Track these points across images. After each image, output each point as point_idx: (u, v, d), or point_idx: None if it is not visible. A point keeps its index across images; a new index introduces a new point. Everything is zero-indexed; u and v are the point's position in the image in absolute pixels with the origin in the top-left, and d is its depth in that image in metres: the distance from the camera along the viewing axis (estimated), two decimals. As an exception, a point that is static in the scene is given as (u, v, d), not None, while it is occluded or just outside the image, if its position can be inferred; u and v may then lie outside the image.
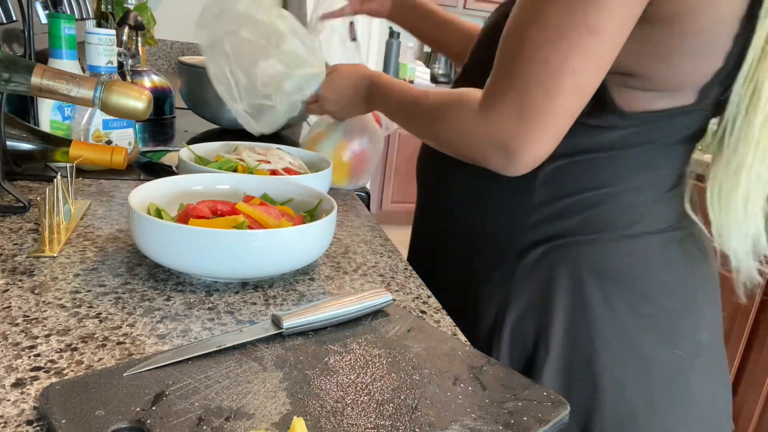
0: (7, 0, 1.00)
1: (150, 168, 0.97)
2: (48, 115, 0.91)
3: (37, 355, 0.43)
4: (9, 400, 0.38)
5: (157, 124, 1.37)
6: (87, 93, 0.66)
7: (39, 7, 1.15)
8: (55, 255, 0.60)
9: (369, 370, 0.45)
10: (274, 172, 0.80)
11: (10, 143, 0.76)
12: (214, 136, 1.30)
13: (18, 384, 0.40)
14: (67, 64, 0.88)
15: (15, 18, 1.02)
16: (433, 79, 3.98)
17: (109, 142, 0.89)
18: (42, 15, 1.15)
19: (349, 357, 0.46)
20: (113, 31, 0.87)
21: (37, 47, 0.95)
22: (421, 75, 3.82)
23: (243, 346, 0.46)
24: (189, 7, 2.41)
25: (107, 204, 0.78)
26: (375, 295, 0.54)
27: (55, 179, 0.63)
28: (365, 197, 0.99)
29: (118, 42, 1.33)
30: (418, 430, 0.38)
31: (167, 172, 0.95)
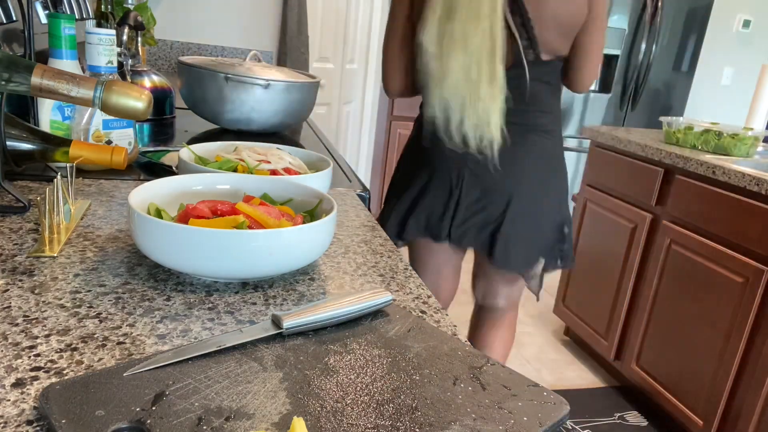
0: (7, 0, 1.00)
1: (150, 168, 0.97)
2: (48, 115, 0.91)
3: (37, 355, 0.44)
4: (9, 400, 0.38)
5: (157, 124, 1.37)
6: (87, 93, 0.66)
7: (39, 7, 1.15)
8: (55, 255, 0.61)
9: (369, 370, 0.45)
10: (274, 172, 0.80)
11: (10, 143, 0.76)
12: (214, 136, 1.30)
13: (18, 384, 0.40)
14: (67, 64, 0.88)
15: (15, 18, 1.02)
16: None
17: (109, 142, 0.90)
18: (42, 15, 1.15)
19: (349, 357, 0.46)
20: (113, 31, 0.87)
21: (37, 47, 0.95)
22: (421, 75, 3.81)
23: (243, 346, 0.46)
24: (189, 7, 2.42)
25: (107, 204, 0.78)
26: (375, 295, 0.54)
27: (55, 179, 0.63)
28: (365, 197, 0.99)
29: (118, 42, 1.33)
30: (418, 430, 0.38)
31: (167, 172, 0.95)
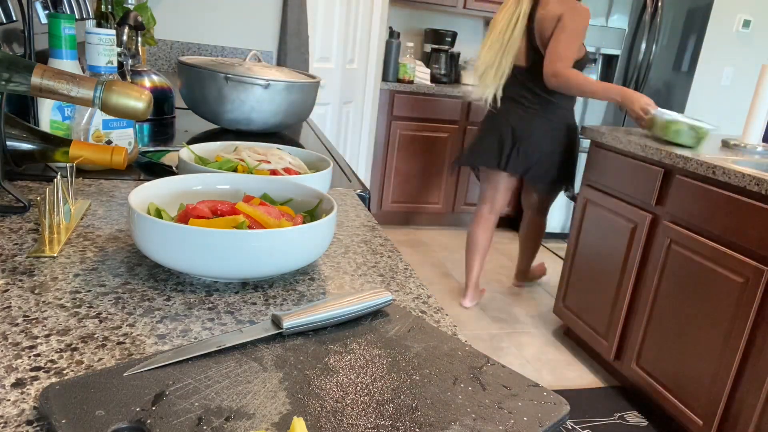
0: (7, 0, 1.00)
1: (150, 168, 0.97)
2: (48, 115, 0.91)
3: (37, 355, 0.44)
4: (9, 400, 0.38)
5: (157, 124, 1.37)
6: (87, 93, 0.66)
7: (39, 7, 1.15)
8: (55, 255, 0.61)
9: (369, 370, 0.45)
10: (274, 172, 0.80)
11: (10, 143, 0.76)
12: (214, 136, 1.30)
13: (18, 384, 0.40)
14: (67, 64, 0.88)
15: (15, 18, 1.02)
16: (433, 79, 3.98)
17: (109, 142, 0.90)
18: (42, 15, 1.15)
19: (349, 357, 0.46)
20: (113, 31, 0.87)
21: (37, 47, 0.95)
22: (421, 75, 3.82)
23: (243, 346, 0.46)
24: (189, 7, 2.42)
25: (107, 204, 0.78)
26: (375, 295, 0.54)
27: (55, 179, 0.63)
28: (365, 197, 0.99)
29: (118, 42, 1.33)
30: (418, 430, 0.38)
31: (167, 172, 0.95)
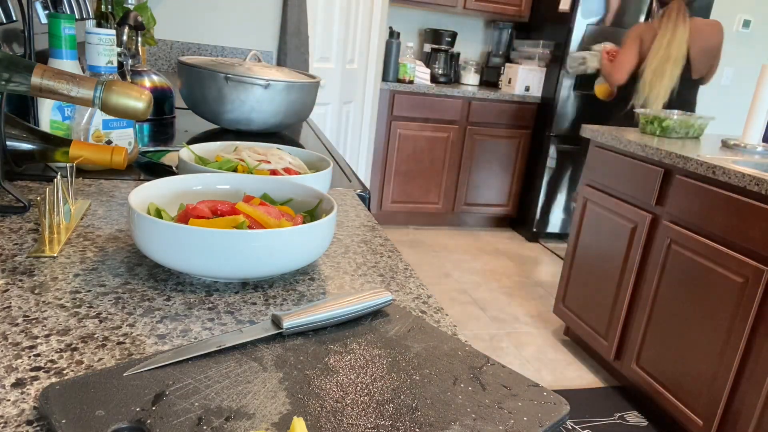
0: (7, 0, 1.00)
1: (150, 168, 0.97)
2: (48, 115, 0.91)
3: (37, 355, 0.44)
4: (9, 400, 0.38)
5: (157, 124, 1.37)
6: (87, 93, 0.66)
7: (39, 7, 1.15)
8: (55, 255, 0.61)
9: (369, 370, 0.45)
10: (274, 172, 0.80)
11: (10, 143, 0.76)
12: (214, 136, 1.30)
13: (18, 384, 0.40)
14: (67, 64, 0.88)
15: (15, 18, 1.02)
16: (433, 79, 3.98)
17: (109, 142, 0.90)
18: (42, 15, 1.15)
19: (349, 357, 0.46)
20: (113, 31, 0.87)
21: (37, 47, 0.95)
22: (421, 75, 3.82)
23: (243, 346, 0.46)
24: (189, 7, 2.42)
25: (107, 204, 0.78)
26: (375, 295, 0.54)
27: (55, 179, 0.63)
28: (365, 197, 0.99)
29: (118, 42, 1.33)
30: (418, 430, 0.38)
31: (167, 172, 0.95)
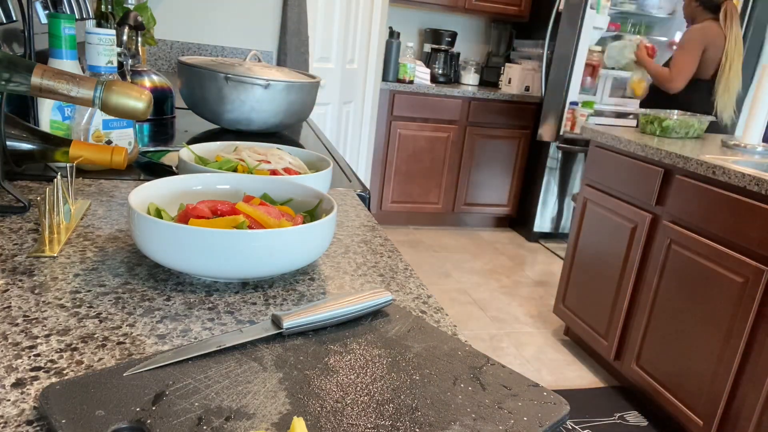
0: (7, 0, 1.00)
1: (150, 168, 0.97)
2: (48, 115, 0.91)
3: (37, 355, 0.44)
4: (9, 400, 0.38)
5: (157, 124, 1.37)
6: (87, 93, 0.66)
7: (39, 7, 1.15)
8: (55, 255, 0.61)
9: (369, 370, 0.45)
10: (274, 172, 0.80)
11: (10, 143, 0.76)
12: (214, 136, 1.30)
13: (18, 384, 0.40)
14: (67, 64, 0.88)
15: (15, 18, 1.02)
16: (433, 79, 3.98)
17: (109, 142, 0.90)
18: (42, 15, 1.15)
19: (349, 357, 0.46)
20: (113, 31, 0.87)
21: (37, 47, 0.95)
22: (421, 75, 3.82)
23: (243, 346, 0.46)
24: (189, 7, 2.42)
25: (107, 204, 0.78)
26: (375, 295, 0.54)
27: (55, 179, 0.63)
28: (365, 197, 0.99)
29: (118, 42, 1.33)
30: (418, 430, 0.38)
31: (167, 172, 0.95)
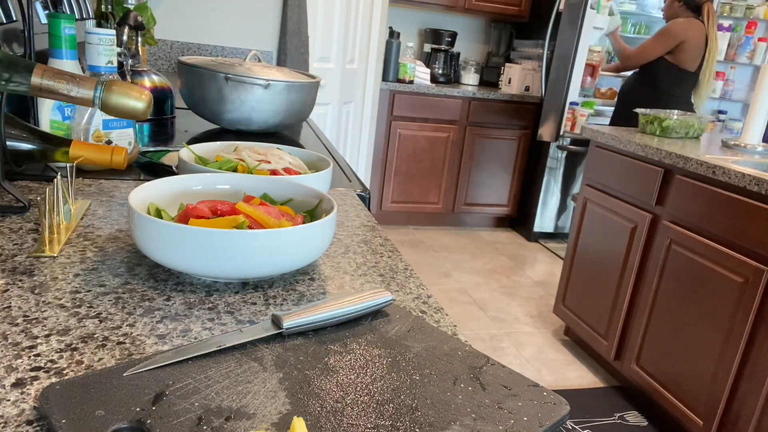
0: (7, 0, 1.00)
1: (150, 168, 0.97)
2: (48, 115, 0.91)
3: (37, 355, 0.44)
4: (9, 400, 0.38)
5: (157, 124, 1.37)
6: (87, 93, 0.66)
7: (39, 7, 1.15)
8: (55, 255, 0.61)
9: (369, 370, 0.45)
10: (274, 172, 0.80)
11: (10, 143, 0.76)
12: (214, 136, 1.30)
13: (18, 384, 0.40)
14: (67, 64, 0.88)
15: (15, 18, 1.02)
16: (433, 79, 3.98)
17: (109, 142, 0.90)
18: (42, 15, 1.15)
19: (349, 357, 0.46)
20: (113, 31, 0.87)
21: (37, 47, 0.95)
22: (421, 75, 3.82)
23: (243, 346, 0.46)
24: (189, 7, 2.42)
25: (107, 204, 0.78)
26: (375, 295, 0.54)
27: (55, 179, 0.63)
28: (365, 197, 0.99)
29: (118, 42, 1.33)
30: (418, 430, 0.38)
31: (167, 172, 0.95)
